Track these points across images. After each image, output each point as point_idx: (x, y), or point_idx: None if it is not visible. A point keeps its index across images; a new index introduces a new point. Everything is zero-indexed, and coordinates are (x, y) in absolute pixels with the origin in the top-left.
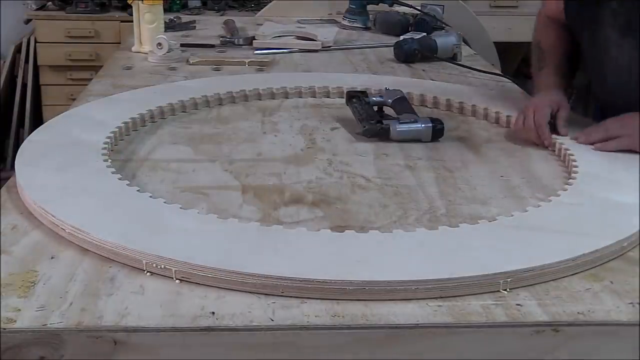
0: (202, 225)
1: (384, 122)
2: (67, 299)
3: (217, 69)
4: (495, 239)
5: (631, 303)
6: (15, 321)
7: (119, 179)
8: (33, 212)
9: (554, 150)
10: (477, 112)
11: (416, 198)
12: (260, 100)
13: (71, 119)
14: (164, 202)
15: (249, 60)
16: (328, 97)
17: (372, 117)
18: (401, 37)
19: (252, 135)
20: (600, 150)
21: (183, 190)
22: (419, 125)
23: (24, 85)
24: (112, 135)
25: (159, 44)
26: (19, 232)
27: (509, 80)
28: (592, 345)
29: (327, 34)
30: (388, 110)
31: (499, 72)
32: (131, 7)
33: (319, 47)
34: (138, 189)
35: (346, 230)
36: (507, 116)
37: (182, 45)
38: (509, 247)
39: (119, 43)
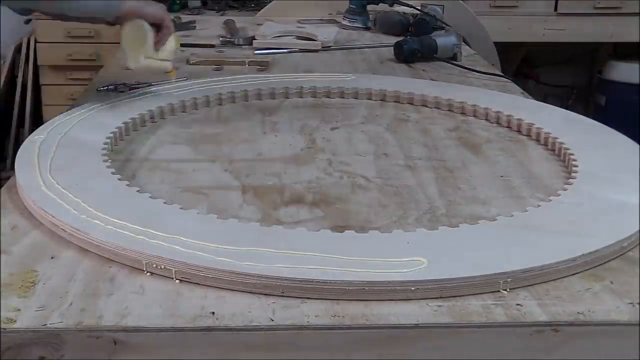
0: (202, 225)
1: None
2: (67, 299)
3: (217, 69)
4: (495, 239)
5: (631, 303)
6: (15, 321)
7: (119, 179)
8: (33, 212)
9: (554, 150)
10: (478, 112)
11: (416, 198)
12: (260, 100)
13: (71, 119)
14: (164, 202)
15: (249, 60)
16: (328, 97)
17: None
18: (401, 37)
19: (252, 135)
20: None
21: (183, 190)
22: None
23: (24, 86)
24: (112, 135)
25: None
26: (19, 232)
27: (509, 80)
28: (592, 345)
29: (327, 34)
30: None
31: (499, 72)
32: None
33: (319, 47)
34: (138, 189)
35: (346, 230)
36: (507, 116)
37: (182, 45)
38: (509, 247)
39: (119, 43)
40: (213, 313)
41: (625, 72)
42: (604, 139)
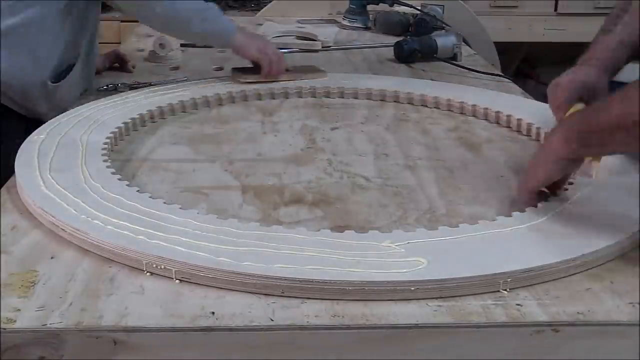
0: (202, 225)
1: None
2: (67, 299)
3: (218, 69)
4: (495, 239)
5: (631, 303)
6: (15, 321)
7: (119, 179)
8: (33, 212)
9: None
10: (477, 112)
11: (416, 198)
12: (260, 100)
13: (71, 119)
14: (164, 202)
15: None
16: (328, 97)
17: None
18: (401, 37)
19: (252, 135)
20: None
21: (183, 190)
22: None
23: None
24: (112, 135)
25: (160, 44)
26: (19, 232)
27: (509, 80)
28: (592, 345)
29: (327, 34)
30: None
31: (499, 72)
32: None
33: (319, 47)
34: (138, 189)
35: (346, 230)
36: (507, 116)
37: (182, 45)
38: (509, 247)
39: (119, 43)
40: (213, 313)
41: (625, 72)
42: None
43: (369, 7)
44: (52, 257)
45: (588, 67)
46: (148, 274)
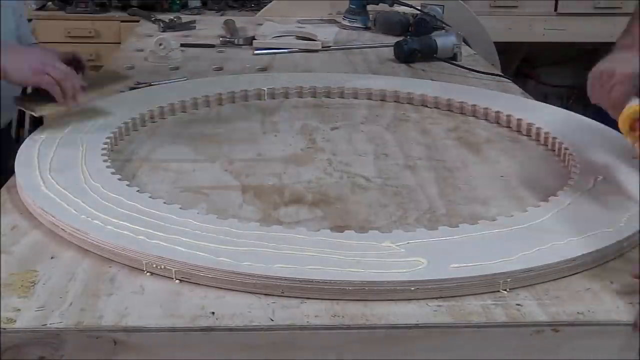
0: (202, 225)
1: None
2: (67, 299)
3: (218, 69)
4: (495, 239)
5: (631, 303)
6: (15, 321)
7: (119, 179)
8: (33, 212)
9: (554, 150)
10: (477, 112)
11: (416, 198)
12: (260, 100)
13: (71, 118)
14: (164, 202)
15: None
16: (328, 97)
17: None
18: (401, 37)
19: (252, 135)
20: None
21: (183, 190)
22: None
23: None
24: (112, 135)
25: (160, 44)
26: (19, 232)
27: (509, 80)
28: (592, 345)
29: (327, 34)
30: None
31: (499, 72)
32: (131, 7)
33: (319, 47)
34: (138, 189)
35: (346, 230)
36: (507, 116)
37: (182, 45)
38: (509, 247)
39: (119, 43)
40: (213, 313)
41: None
42: (603, 139)
43: (369, 7)
44: (52, 257)
45: (634, 54)
46: (148, 274)
